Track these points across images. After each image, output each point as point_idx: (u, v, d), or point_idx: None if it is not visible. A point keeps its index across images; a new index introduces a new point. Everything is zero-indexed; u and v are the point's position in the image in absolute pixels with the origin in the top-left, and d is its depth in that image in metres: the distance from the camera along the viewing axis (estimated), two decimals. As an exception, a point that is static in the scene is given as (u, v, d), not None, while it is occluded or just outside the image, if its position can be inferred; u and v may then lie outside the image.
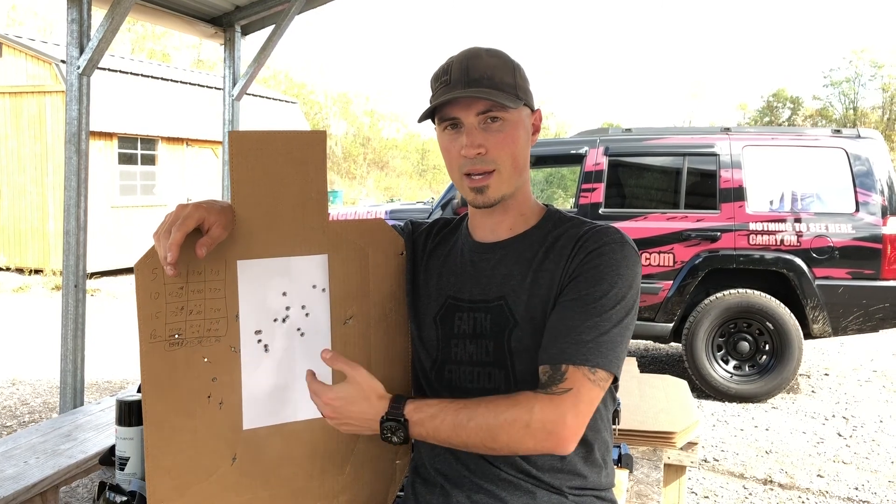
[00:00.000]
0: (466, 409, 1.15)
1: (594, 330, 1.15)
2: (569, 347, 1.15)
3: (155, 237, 1.13)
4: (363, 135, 37.57)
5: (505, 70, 1.24)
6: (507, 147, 1.24)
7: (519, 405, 1.13)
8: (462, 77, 1.23)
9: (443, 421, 1.15)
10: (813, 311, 5.03)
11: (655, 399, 2.39)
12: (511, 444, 1.13)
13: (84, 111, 3.27)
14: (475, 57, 1.24)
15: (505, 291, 1.26)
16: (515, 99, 1.23)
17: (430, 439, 1.17)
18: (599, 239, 1.22)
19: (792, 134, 5.52)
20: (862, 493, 3.69)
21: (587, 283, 1.18)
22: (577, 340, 1.15)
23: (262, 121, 14.88)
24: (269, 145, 1.23)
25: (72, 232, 3.27)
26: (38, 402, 5.13)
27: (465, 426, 1.14)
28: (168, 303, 1.18)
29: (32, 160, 11.64)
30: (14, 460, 1.99)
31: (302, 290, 1.27)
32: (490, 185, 1.24)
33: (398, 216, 6.57)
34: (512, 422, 1.12)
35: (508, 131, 1.24)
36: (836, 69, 38.43)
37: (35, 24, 34.43)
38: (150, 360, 1.17)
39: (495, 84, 1.22)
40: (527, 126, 1.28)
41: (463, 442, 1.15)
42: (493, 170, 1.24)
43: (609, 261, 1.19)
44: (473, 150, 1.23)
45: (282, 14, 4.33)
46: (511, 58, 1.28)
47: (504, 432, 1.12)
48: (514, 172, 1.26)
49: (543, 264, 1.25)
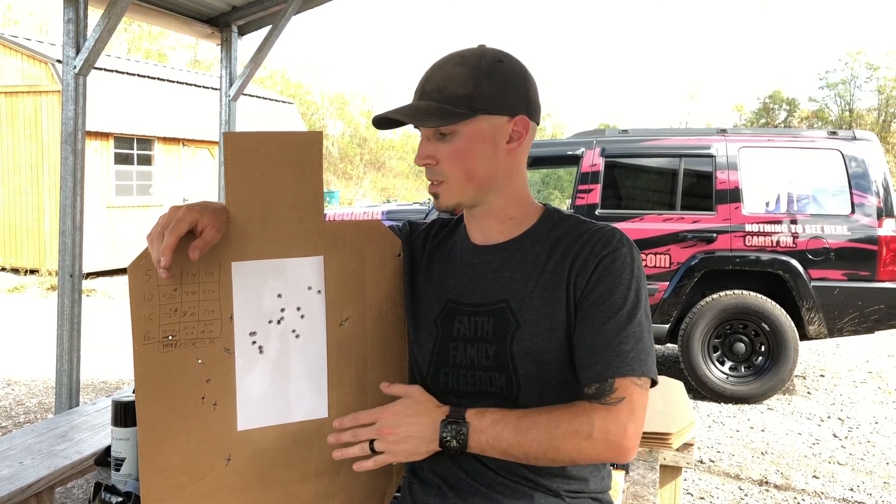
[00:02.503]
0: (527, 417, 1.16)
1: (631, 339, 1.17)
2: (613, 360, 1.16)
3: (148, 239, 1.13)
4: (360, 135, 37.53)
5: (465, 80, 1.19)
6: (456, 160, 1.22)
7: (578, 416, 1.14)
8: (419, 88, 1.24)
9: (504, 427, 1.16)
10: (809, 313, 5.04)
11: (651, 400, 2.38)
12: (573, 455, 1.14)
13: (80, 111, 3.26)
14: (441, 67, 1.23)
15: (508, 294, 1.25)
16: (454, 114, 1.18)
17: (489, 449, 1.17)
18: (608, 243, 1.21)
19: (788, 135, 5.54)
20: (857, 494, 3.69)
21: (609, 293, 1.19)
22: (619, 352, 1.16)
23: (258, 121, 14.85)
24: (265, 146, 1.22)
25: (67, 232, 3.27)
26: (33, 402, 5.11)
27: (527, 434, 1.14)
28: (162, 304, 1.18)
29: (28, 160, 11.62)
30: (9, 461, 1.98)
31: (297, 292, 1.27)
32: (440, 193, 1.25)
33: (395, 217, 6.57)
34: (574, 433, 1.13)
35: (459, 143, 1.21)
36: (831, 71, 38.47)
37: (31, 24, 34.35)
38: (143, 362, 1.17)
39: (443, 97, 1.19)
40: (492, 136, 1.22)
41: (524, 452, 1.15)
42: (441, 181, 1.24)
43: (622, 266, 1.20)
44: (421, 160, 1.25)
45: (278, 14, 4.33)
46: (492, 62, 1.21)
47: (567, 443, 1.13)
48: (468, 184, 1.24)
49: (547, 266, 1.24)
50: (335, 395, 1.30)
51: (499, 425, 1.16)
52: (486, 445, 1.17)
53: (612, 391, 1.15)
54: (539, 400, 1.22)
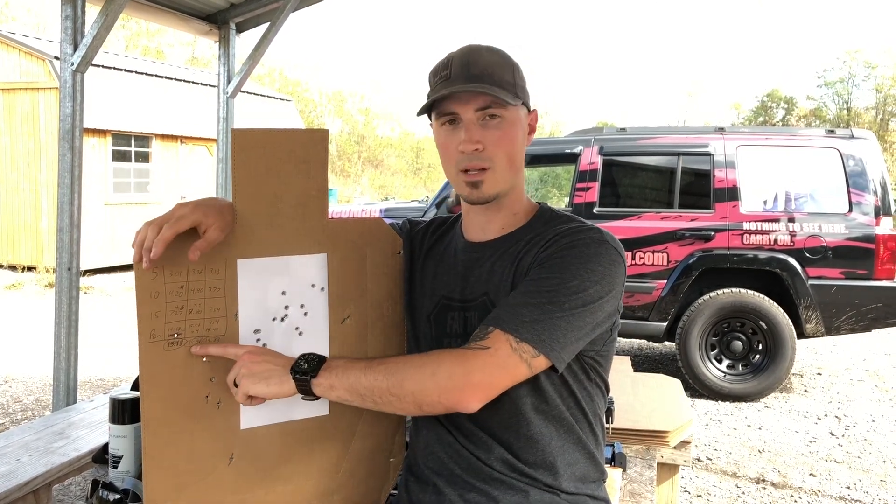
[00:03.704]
0: (381, 359, 1.16)
1: (537, 310, 1.14)
2: (504, 314, 1.15)
3: (145, 224, 1.12)
4: (358, 133, 37.54)
5: (505, 68, 1.24)
6: (503, 145, 1.23)
7: (431, 356, 1.14)
8: (463, 72, 1.22)
9: (356, 363, 1.15)
10: (806, 311, 5.05)
11: (649, 398, 2.39)
12: (416, 393, 1.11)
13: (78, 108, 3.26)
14: (476, 53, 1.24)
15: (489, 288, 1.26)
16: (514, 97, 1.23)
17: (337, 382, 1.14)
18: (576, 235, 1.21)
19: (786, 134, 5.54)
20: (854, 492, 3.70)
21: (548, 271, 1.17)
22: (515, 313, 1.14)
23: (256, 119, 14.84)
24: (272, 143, 1.22)
25: (65, 229, 3.26)
26: (30, 399, 5.11)
27: (375, 369, 1.13)
28: (168, 302, 1.17)
29: (25, 157, 11.59)
30: (6, 458, 1.98)
31: (301, 290, 1.27)
32: (485, 180, 1.24)
33: (393, 215, 6.57)
34: (419, 368, 1.12)
35: (506, 129, 1.23)
36: (829, 69, 38.50)
37: (28, 20, 34.28)
38: (149, 360, 1.17)
39: (496, 81, 1.22)
40: (524, 125, 1.28)
41: (369, 387, 1.12)
42: (488, 167, 1.23)
43: (579, 254, 1.18)
44: (471, 145, 1.22)
45: (276, 12, 4.32)
46: (510, 56, 1.27)
47: (411, 379, 1.11)
48: (509, 171, 1.25)
49: (523, 258, 1.24)
50: (336, 393, 1.31)
51: (353, 362, 1.16)
52: (335, 378, 1.14)
53: (483, 338, 1.13)
54: (525, 398, 1.22)
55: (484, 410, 1.17)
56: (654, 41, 74.74)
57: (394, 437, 1.40)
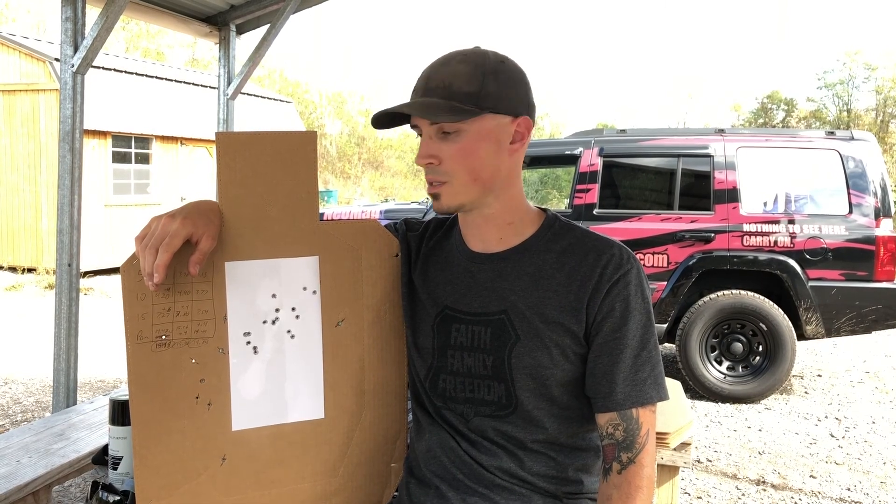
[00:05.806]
0: None
1: (647, 365, 1.20)
2: (632, 391, 1.19)
3: (139, 248, 1.11)
4: (358, 134, 37.51)
5: (470, 78, 1.17)
6: (461, 159, 1.19)
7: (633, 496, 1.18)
8: (421, 85, 1.20)
9: None
10: (806, 313, 5.05)
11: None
12: None
13: (78, 110, 3.26)
14: (444, 64, 1.20)
15: (507, 306, 1.23)
16: (463, 111, 1.16)
17: None
18: (619, 266, 1.20)
19: (786, 135, 5.54)
20: (854, 493, 3.70)
21: (623, 319, 1.19)
22: (636, 380, 1.19)
23: (257, 120, 14.85)
24: (258, 146, 1.22)
25: (65, 230, 3.26)
26: (30, 400, 5.11)
27: None
28: (155, 304, 1.17)
29: (25, 158, 11.59)
30: (6, 459, 1.98)
31: (292, 292, 1.27)
32: (442, 193, 1.22)
33: (393, 216, 6.56)
34: None
35: (465, 142, 1.18)
36: (829, 71, 38.48)
37: (28, 22, 34.29)
38: (136, 361, 1.17)
39: (451, 94, 1.17)
40: (497, 136, 1.20)
41: None
42: (445, 181, 1.21)
43: (635, 289, 1.20)
44: (423, 160, 1.21)
45: (276, 13, 4.33)
46: (495, 62, 1.19)
47: None
48: (473, 184, 1.21)
49: (551, 283, 1.22)
50: (332, 397, 1.30)
51: None
52: None
53: (638, 430, 1.18)
54: (537, 411, 1.22)
55: (494, 421, 1.19)
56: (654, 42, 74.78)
57: (395, 442, 1.39)
